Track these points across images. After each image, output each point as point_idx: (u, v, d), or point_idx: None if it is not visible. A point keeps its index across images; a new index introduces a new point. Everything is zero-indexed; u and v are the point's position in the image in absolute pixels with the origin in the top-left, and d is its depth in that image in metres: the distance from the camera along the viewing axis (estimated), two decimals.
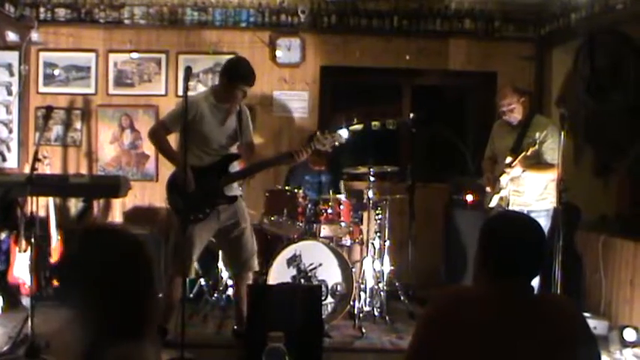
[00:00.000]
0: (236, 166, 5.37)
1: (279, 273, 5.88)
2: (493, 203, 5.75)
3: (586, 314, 4.58)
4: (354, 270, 6.03)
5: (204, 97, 5.22)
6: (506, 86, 6.01)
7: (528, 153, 5.41)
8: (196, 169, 5.02)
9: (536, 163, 5.56)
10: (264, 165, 5.56)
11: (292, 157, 5.31)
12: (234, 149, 5.35)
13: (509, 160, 5.57)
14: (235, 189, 5.43)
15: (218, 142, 5.22)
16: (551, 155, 5.48)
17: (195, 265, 6.05)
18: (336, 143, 5.40)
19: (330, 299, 5.97)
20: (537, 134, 5.55)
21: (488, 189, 5.90)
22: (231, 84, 5.11)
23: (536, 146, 5.43)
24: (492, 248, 2.51)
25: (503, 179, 5.61)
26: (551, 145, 5.52)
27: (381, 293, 6.31)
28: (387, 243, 6.68)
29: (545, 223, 5.31)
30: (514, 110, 5.73)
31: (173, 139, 5.34)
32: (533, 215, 5.35)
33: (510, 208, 5.59)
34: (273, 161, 5.57)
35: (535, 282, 4.76)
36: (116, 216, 7.56)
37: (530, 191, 5.64)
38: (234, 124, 5.29)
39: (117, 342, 1.91)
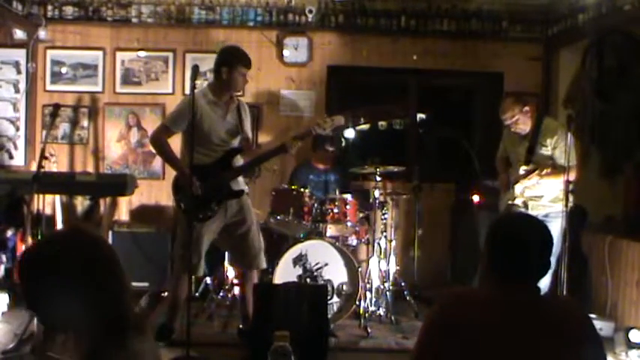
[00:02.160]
0: (240, 160, 5.37)
1: (285, 272, 5.89)
2: (502, 207, 5.75)
3: (592, 315, 4.56)
4: (360, 270, 6.03)
5: (202, 94, 5.19)
6: (506, 98, 5.89)
7: (541, 176, 5.41)
8: (201, 168, 5.01)
9: (551, 169, 5.54)
10: (267, 156, 5.49)
11: (283, 151, 5.28)
12: (236, 144, 5.35)
13: (522, 170, 5.56)
14: (241, 183, 5.43)
15: (220, 138, 5.22)
16: (565, 159, 5.46)
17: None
18: (342, 126, 5.43)
19: (335, 299, 5.98)
20: (548, 141, 5.55)
21: (496, 184, 5.93)
22: (232, 70, 5.12)
23: (550, 152, 5.45)
24: (498, 250, 2.50)
25: (518, 188, 5.60)
26: (564, 148, 5.49)
27: (387, 293, 6.30)
28: (393, 243, 6.68)
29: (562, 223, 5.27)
30: (518, 122, 5.65)
31: (175, 140, 5.34)
32: (552, 217, 5.37)
33: (530, 212, 5.54)
34: (275, 151, 5.43)
35: (546, 281, 4.79)
36: (122, 214, 7.57)
37: (548, 195, 5.59)
38: (235, 119, 5.29)
39: (113, 343, 1.92)
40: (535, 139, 5.63)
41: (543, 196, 5.60)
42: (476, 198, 6.84)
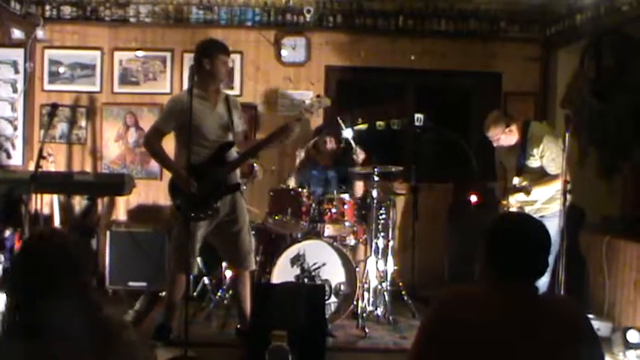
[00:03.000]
0: (234, 154, 5.33)
1: (283, 272, 5.88)
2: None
3: (589, 315, 4.55)
4: (357, 270, 6.03)
5: (188, 91, 5.13)
6: (490, 116, 5.86)
7: (527, 197, 5.46)
8: (196, 167, 4.97)
9: (541, 177, 5.55)
10: (270, 139, 5.39)
11: (287, 131, 5.25)
12: (229, 137, 5.32)
13: (516, 181, 5.57)
14: (237, 177, 5.43)
15: (212, 132, 5.19)
16: (554, 166, 5.46)
17: (199, 263, 6.06)
18: (329, 106, 5.67)
19: (333, 299, 5.97)
20: (535, 150, 5.56)
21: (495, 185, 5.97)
22: (214, 60, 5.16)
23: (538, 161, 5.51)
24: (496, 249, 2.51)
25: (512, 200, 5.61)
26: (551, 155, 5.50)
27: (385, 293, 6.29)
28: (391, 243, 6.68)
29: (559, 223, 5.25)
30: (500, 140, 5.71)
31: (170, 142, 5.33)
32: (548, 217, 5.37)
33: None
34: (269, 139, 5.37)
35: (544, 280, 4.79)
36: (120, 214, 7.57)
37: (542, 199, 5.59)
38: (225, 113, 5.27)
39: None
40: (524, 148, 5.64)
41: (537, 201, 5.60)
42: (474, 198, 6.84)
